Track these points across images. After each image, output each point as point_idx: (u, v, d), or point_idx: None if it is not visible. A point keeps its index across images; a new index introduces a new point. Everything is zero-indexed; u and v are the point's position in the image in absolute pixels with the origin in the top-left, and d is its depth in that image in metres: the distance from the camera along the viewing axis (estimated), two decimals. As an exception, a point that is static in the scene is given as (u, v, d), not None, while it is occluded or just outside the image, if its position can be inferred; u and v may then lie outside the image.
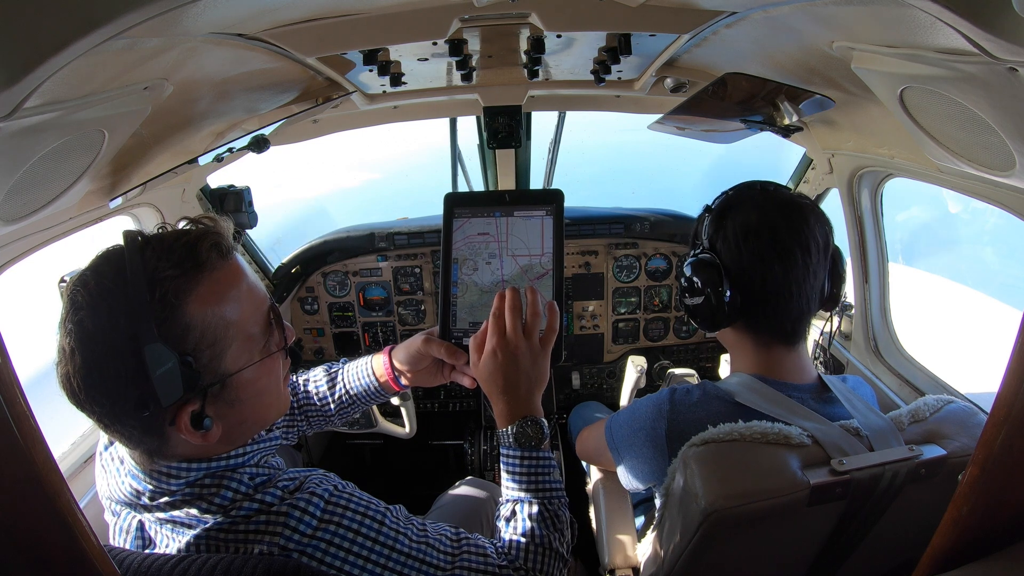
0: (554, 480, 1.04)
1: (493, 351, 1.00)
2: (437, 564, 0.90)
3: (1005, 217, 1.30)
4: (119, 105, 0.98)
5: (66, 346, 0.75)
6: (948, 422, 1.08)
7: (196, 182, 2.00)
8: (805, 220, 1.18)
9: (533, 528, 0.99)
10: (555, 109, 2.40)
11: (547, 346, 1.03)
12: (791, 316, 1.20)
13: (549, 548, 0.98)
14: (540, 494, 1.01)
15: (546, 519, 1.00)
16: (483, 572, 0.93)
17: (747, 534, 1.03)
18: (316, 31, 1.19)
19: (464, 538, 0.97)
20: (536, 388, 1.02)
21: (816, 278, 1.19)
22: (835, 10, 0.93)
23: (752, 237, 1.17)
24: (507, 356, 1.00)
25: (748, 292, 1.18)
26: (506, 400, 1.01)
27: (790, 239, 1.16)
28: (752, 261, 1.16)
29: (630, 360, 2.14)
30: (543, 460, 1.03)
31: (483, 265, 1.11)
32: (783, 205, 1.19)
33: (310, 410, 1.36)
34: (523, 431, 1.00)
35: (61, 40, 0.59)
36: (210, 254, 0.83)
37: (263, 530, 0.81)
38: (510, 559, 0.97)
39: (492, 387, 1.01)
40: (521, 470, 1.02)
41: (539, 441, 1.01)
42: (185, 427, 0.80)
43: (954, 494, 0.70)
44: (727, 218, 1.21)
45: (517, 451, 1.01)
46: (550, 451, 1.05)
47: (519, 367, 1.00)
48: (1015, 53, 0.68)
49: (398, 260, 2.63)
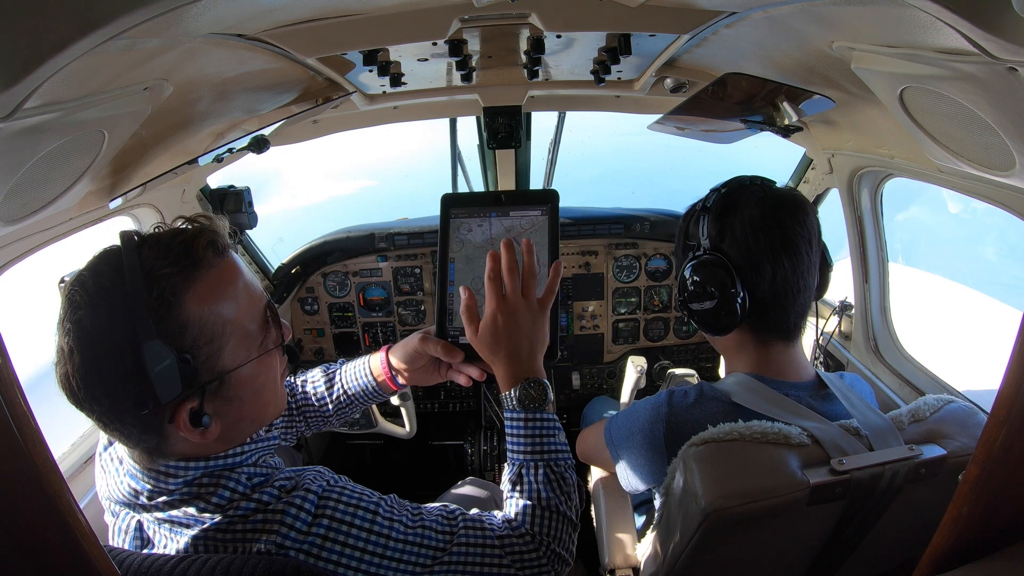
0: (559, 442, 1.03)
1: (493, 315, 0.99)
2: (434, 545, 0.90)
3: (1006, 217, 1.31)
4: (119, 105, 0.98)
5: (65, 346, 0.75)
6: (948, 422, 1.08)
7: (196, 182, 2.00)
8: (806, 213, 1.19)
9: (539, 490, 0.98)
10: (555, 109, 2.40)
11: (545, 306, 1.02)
12: (796, 311, 1.20)
13: (556, 511, 0.98)
14: (545, 455, 1.01)
15: (552, 481, 0.99)
16: (481, 545, 0.92)
17: (747, 534, 1.03)
18: (316, 31, 1.19)
19: (460, 515, 0.97)
20: (538, 349, 1.02)
21: (814, 270, 1.21)
22: (835, 10, 0.93)
23: (762, 233, 1.16)
24: (507, 318, 0.98)
25: (757, 291, 1.17)
26: (508, 363, 1.00)
27: (795, 233, 1.16)
28: (762, 258, 1.15)
29: (630, 360, 2.15)
30: (547, 421, 1.02)
31: (479, 265, 1.11)
32: (785, 199, 1.19)
33: (308, 411, 1.36)
34: (527, 392, 0.99)
35: (61, 40, 0.59)
36: (206, 252, 0.83)
37: (261, 529, 0.81)
38: (514, 526, 0.96)
39: (494, 350, 1.00)
40: (526, 432, 1.01)
41: (543, 402, 1.01)
42: (184, 425, 0.80)
43: (954, 494, 0.70)
44: (731, 215, 1.19)
45: (521, 413, 1.01)
46: (554, 413, 1.04)
47: (520, 328, 0.99)
48: (1015, 53, 0.68)
49: (398, 260, 2.63)
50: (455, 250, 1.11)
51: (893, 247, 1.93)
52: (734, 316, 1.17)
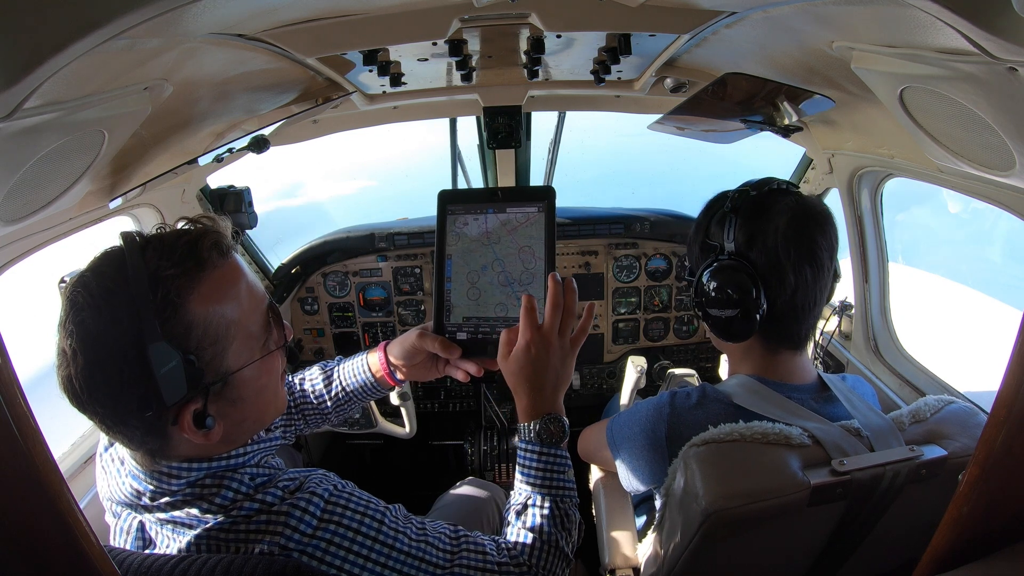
0: (568, 479, 1.04)
1: (527, 345, 0.99)
2: (436, 562, 0.90)
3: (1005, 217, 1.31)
4: (119, 105, 0.98)
5: (67, 348, 0.75)
6: (949, 422, 1.08)
7: (196, 182, 2.00)
8: (832, 228, 1.18)
9: (543, 525, 0.99)
10: (555, 109, 2.40)
11: (576, 346, 1.03)
12: (808, 323, 1.20)
13: (556, 547, 0.98)
14: (554, 491, 1.01)
15: (556, 517, 1.00)
16: (482, 570, 0.93)
17: (747, 534, 1.03)
18: (316, 31, 1.19)
19: (463, 536, 0.97)
20: (561, 386, 1.03)
21: (830, 283, 1.20)
22: (835, 10, 0.93)
23: (793, 245, 1.13)
24: (540, 351, 0.99)
25: (776, 301, 1.15)
26: (532, 396, 1.00)
27: (821, 247, 1.15)
28: (787, 270, 1.14)
29: (630, 360, 2.14)
30: (560, 458, 1.03)
31: (476, 261, 1.11)
32: (816, 212, 1.18)
33: (307, 408, 1.36)
34: (546, 428, 1.00)
35: (61, 40, 0.59)
36: (211, 253, 0.83)
37: (264, 530, 0.81)
38: (513, 555, 0.97)
39: (520, 381, 1.01)
40: (539, 466, 1.01)
41: (560, 439, 1.02)
42: (188, 426, 0.80)
43: (954, 494, 0.70)
44: (763, 223, 1.16)
45: (537, 446, 1.01)
46: (567, 450, 1.05)
47: (549, 363, 1.00)
48: (1015, 53, 0.68)
49: (398, 260, 2.62)
50: (452, 246, 1.11)
51: (893, 247, 1.93)
52: (752, 324, 1.15)
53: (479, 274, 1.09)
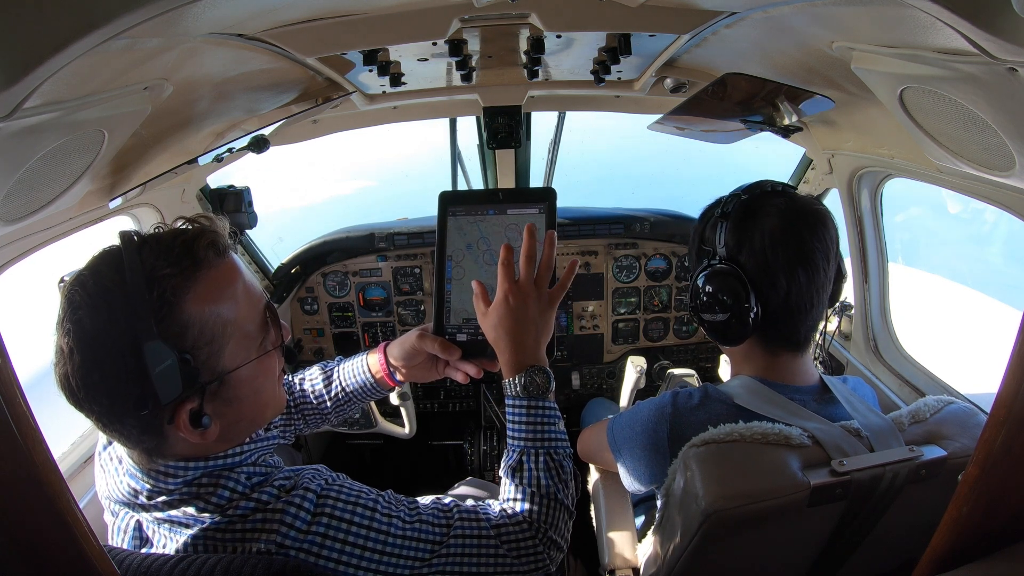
0: (560, 431, 1.04)
1: (504, 297, 1.00)
2: (432, 539, 0.91)
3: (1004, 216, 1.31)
4: (119, 105, 0.98)
5: (64, 346, 0.75)
6: (948, 423, 1.08)
7: (196, 182, 2.00)
8: (826, 228, 1.16)
9: (539, 477, 0.99)
10: (555, 109, 2.40)
11: (555, 299, 1.03)
12: (808, 325, 1.19)
13: (555, 499, 0.99)
14: (546, 443, 1.01)
15: (551, 470, 1.00)
16: (477, 536, 0.93)
17: (747, 535, 1.03)
18: (316, 31, 1.19)
19: (455, 506, 0.97)
20: (543, 338, 1.03)
21: (830, 284, 1.19)
22: (835, 10, 0.93)
23: (780, 246, 1.13)
24: (519, 302, 0.99)
25: (770, 304, 1.15)
26: (514, 348, 1.00)
27: (813, 248, 1.14)
28: (778, 272, 1.13)
29: (630, 360, 2.14)
30: (549, 409, 1.03)
31: (477, 262, 1.11)
32: (806, 212, 1.16)
33: (306, 408, 1.36)
34: (532, 380, 1.00)
35: (61, 40, 0.59)
36: (207, 252, 0.83)
37: (260, 528, 0.82)
38: (511, 513, 0.97)
39: (501, 334, 1.01)
40: (528, 419, 1.01)
41: (546, 390, 1.01)
42: (184, 425, 0.80)
43: (954, 494, 0.70)
44: (751, 226, 1.16)
45: (524, 400, 1.01)
46: (554, 402, 1.05)
47: (528, 315, 1.00)
48: (1015, 53, 0.68)
49: (398, 260, 2.63)
50: (452, 247, 1.11)
51: (893, 247, 1.93)
52: (746, 328, 1.15)
53: (480, 275, 1.09)
